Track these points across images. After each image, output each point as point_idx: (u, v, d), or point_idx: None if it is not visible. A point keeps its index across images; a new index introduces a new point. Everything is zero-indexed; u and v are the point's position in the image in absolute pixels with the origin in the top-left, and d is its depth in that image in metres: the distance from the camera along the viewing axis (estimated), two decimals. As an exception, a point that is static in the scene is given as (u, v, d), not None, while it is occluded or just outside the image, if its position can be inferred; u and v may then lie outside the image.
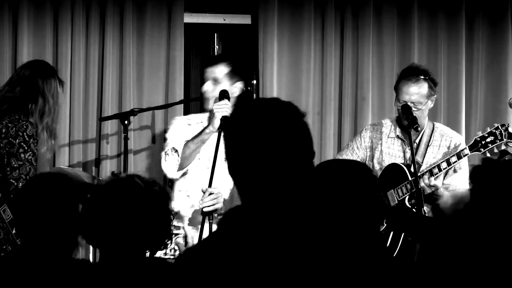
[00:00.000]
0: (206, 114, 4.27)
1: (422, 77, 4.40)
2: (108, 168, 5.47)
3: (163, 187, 2.55)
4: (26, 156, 4.15)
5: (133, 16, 5.51)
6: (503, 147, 4.29)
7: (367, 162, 4.53)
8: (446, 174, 4.38)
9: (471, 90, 5.76)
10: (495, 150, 4.38)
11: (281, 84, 5.62)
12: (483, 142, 4.33)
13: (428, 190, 4.23)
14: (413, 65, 4.61)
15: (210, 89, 4.17)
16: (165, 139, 4.37)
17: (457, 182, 4.36)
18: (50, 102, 4.30)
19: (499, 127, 4.36)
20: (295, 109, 1.93)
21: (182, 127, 4.27)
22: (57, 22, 5.45)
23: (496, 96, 5.71)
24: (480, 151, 4.33)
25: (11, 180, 4.13)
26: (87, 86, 5.48)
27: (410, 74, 4.40)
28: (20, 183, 4.10)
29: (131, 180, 2.46)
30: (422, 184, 4.19)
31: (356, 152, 4.56)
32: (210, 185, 3.84)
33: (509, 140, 4.53)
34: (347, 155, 4.57)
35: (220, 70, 4.18)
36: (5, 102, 4.26)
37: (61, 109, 4.63)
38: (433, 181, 4.21)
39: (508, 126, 4.50)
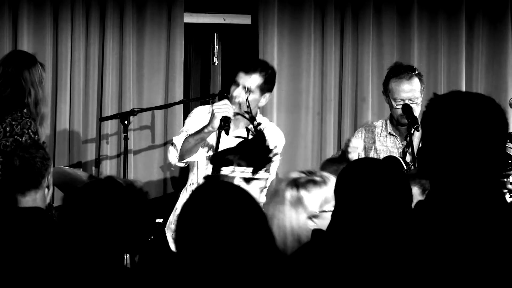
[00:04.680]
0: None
1: (412, 72, 4.42)
2: (108, 168, 5.47)
3: (141, 187, 2.55)
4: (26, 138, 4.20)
5: (133, 16, 5.51)
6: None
7: None
8: None
9: (471, 90, 5.76)
10: None
11: (281, 84, 5.61)
12: None
13: None
14: (397, 63, 4.63)
15: (240, 96, 4.19)
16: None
17: None
18: (40, 91, 4.34)
19: None
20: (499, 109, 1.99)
21: (202, 116, 4.33)
22: (57, 22, 5.44)
23: (496, 96, 5.62)
24: None
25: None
26: (87, 86, 5.48)
27: (400, 72, 4.43)
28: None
29: (112, 180, 2.45)
30: None
31: None
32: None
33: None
34: None
35: (254, 80, 4.21)
36: (1, 103, 4.29)
37: (47, 95, 4.65)
38: None
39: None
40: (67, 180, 4.67)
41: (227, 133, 3.91)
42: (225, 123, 3.93)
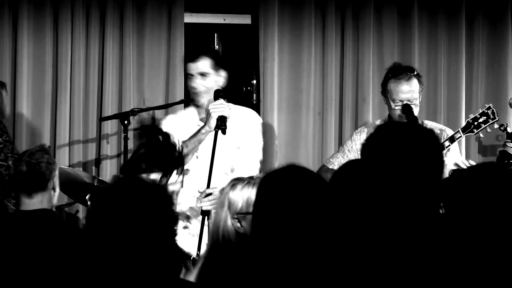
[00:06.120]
0: (194, 110, 4.31)
1: (411, 73, 4.42)
2: (108, 168, 5.47)
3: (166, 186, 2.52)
4: (4, 138, 4.40)
5: (133, 16, 5.51)
6: (500, 138, 4.29)
7: None
8: None
9: (471, 90, 5.76)
10: (488, 130, 4.39)
11: (282, 84, 5.62)
12: (475, 123, 4.34)
13: None
14: (396, 64, 4.63)
15: (199, 84, 4.21)
16: None
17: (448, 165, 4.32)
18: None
19: (491, 106, 4.38)
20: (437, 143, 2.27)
21: (175, 125, 4.30)
22: (57, 22, 5.45)
23: (496, 96, 5.70)
24: (473, 131, 4.35)
25: (0, 163, 4.35)
26: (87, 86, 5.48)
27: (399, 73, 4.42)
28: (10, 161, 4.33)
29: (138, 179, 2.41)
30: None
31: (347, 154, 4.57)
32: (208, 185, 3.84)
33: (507, 140, 4.54)
34: (338, 158, 4.57)
35: (204, 64, 4.23)
36: None
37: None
38: None
39: (507, 126, 4.50)
40: (67, 180, 4.68)
41: (223, 132, 3.91)
42: (221, 123, 3.93)
